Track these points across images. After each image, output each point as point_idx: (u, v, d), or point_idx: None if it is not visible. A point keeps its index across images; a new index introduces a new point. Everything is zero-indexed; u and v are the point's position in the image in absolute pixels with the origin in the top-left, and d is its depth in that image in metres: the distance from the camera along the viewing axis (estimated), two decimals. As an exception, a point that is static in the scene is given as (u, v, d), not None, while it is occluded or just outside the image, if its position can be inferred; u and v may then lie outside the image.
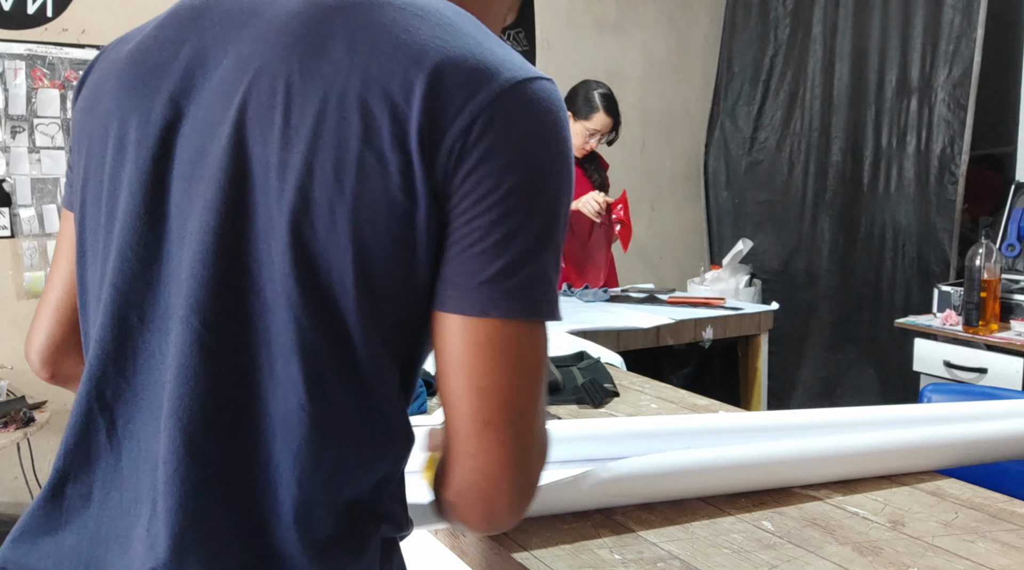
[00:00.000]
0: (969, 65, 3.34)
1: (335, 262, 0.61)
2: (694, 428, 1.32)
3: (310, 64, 0.62)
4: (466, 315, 0.63)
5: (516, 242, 0.62)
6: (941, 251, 3.46)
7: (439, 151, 0.61)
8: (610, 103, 2.97)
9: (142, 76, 0.70)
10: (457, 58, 0.62)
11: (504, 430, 0.64)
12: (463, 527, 0.71)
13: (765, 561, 0.93)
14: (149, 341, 0.67)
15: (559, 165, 0.64)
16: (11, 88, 2.93)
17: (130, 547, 0.65)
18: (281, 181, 0.62)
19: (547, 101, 0.64)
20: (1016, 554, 0.94)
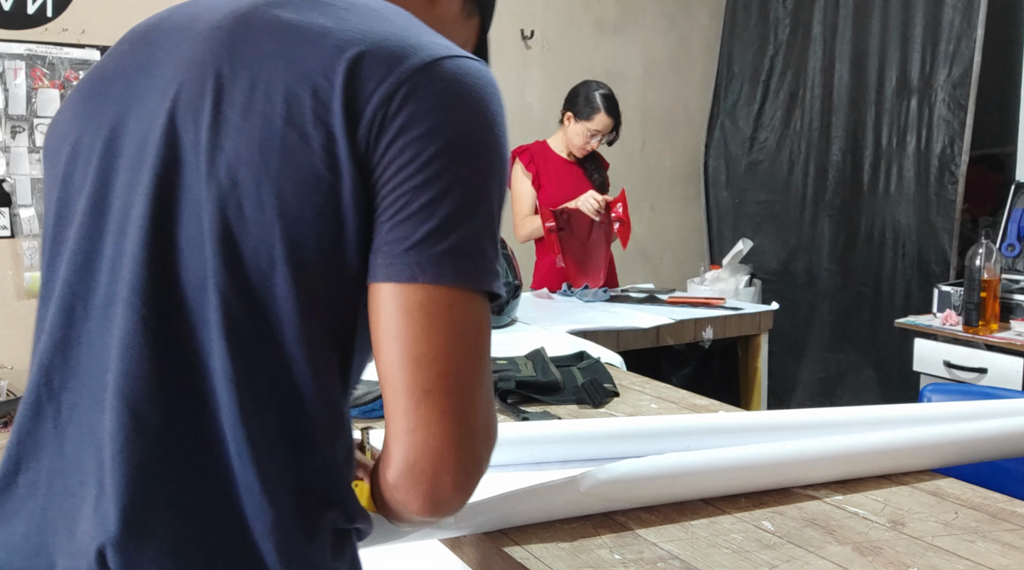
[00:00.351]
0: (969, 65, 3.34)
1: (263, 239, 0.63)
2: (694, 428, 1.32)
3: (240, 55, 0.66)
4: (396, 282, 0.63)
5: (442, 207, 0.63)
6: (941, 251, 3.46)
7: (360, 124, 0.63)
8: (611, 103, 2.97)
9: (92, 90, 0.74)
10: (379, 40, 0.65)
11: (444, 401, 0.63)
12: (405, 514, 0.67)
13: (765, 561, 0.93)
14: (92, 329, 0.68)
15: (484, 137, 0.65)
16: (11, 88, 2.93)
17: (77, 528, 0.65)
18: (211, 164, 0.64)
19: (470, 75, 0.66)
20: (1016, 554, 0.94)
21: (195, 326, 0.65)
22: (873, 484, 1.15)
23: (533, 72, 4.08)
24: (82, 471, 0.66)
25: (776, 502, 1.09)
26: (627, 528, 1.01)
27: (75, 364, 0.69)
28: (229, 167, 0.64)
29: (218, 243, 0.63)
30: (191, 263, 0.65)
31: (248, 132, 0.64)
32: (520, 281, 2.44)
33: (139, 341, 0.64)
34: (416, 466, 0.64)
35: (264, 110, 0.64)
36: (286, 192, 0.63)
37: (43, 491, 0.68)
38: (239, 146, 0.64)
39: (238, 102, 0.65)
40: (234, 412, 0.64)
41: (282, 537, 0.64)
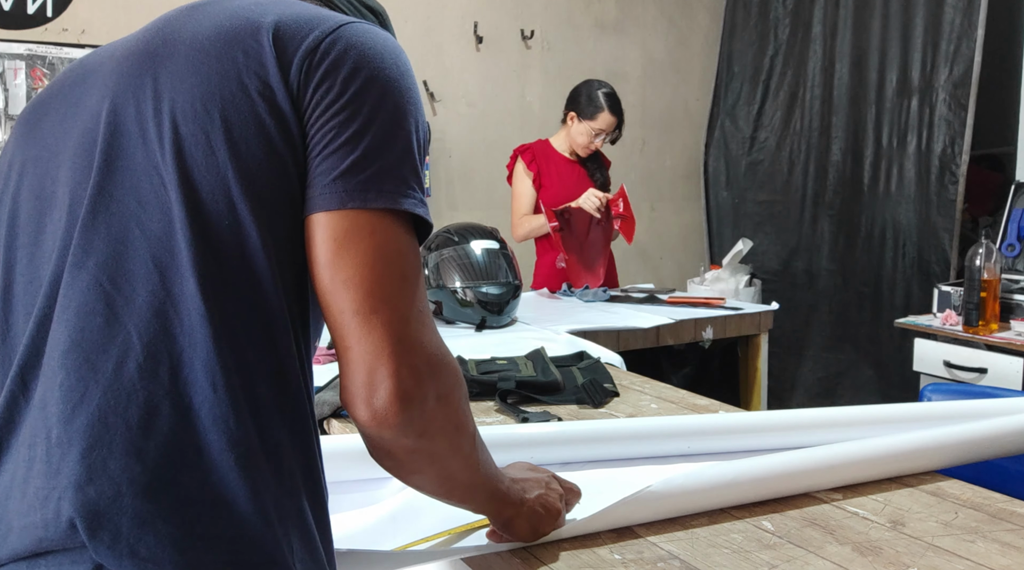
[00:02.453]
0: (970, 65, 3.34)
1: (219, 181, 0.69)
2: (694, 428, 1.32)
3: (175, 32, 0.75)
4: (324, 210, 0.69)
5: (364, 139, 0.70)
6: (941, 251, 3.46)
7: (291, 71, 0.71)
8: (614, 102, 2.98)
9: (33, 116, 0.80)
10: (298, 12, 0.75)
11: (372, 318, 0.68)
12: (362, 434, 0.72)
13: (765, 561, 0.93)
14: (46, 306, 0.71)
15: (398, 80, 0.74)
16: (11, 88, 2.93)
17: (28, 487, 0.65)
18: (158, 126, 0.70)
19: (381, 36, 0.76)
20: (1016, 554, 0.94)
21: (159, 277, 0.67)
22: (873, 484, 1.14)
23: (533, 72, 4.08)
24: (33, 435, 0.67)
25: (776, 502, 1.09)
26: (627, 528, 1.01)
27: (42, 350, 0.69)
28: (174, 125, 0.70)
29: (180, 190, 0.68)
30: (145, 219, 0.69)
31: (186, 91, 0.70)
32: (520, 281, 2.44)
33: (93, 298, 0.67)
34: (355, 380, 0.68)
35: (200, 71, 0.71)
36: (233, 136, 0.69)
37: (8, 470, 0.69)
38: (182, 105, 0.70)
39: (176, 69, 0.72)
40: (207, 348, 0.66)
41: (253, 466, 0.67)
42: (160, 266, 0.68)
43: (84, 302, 0.67)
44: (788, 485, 1.10)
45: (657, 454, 1.28)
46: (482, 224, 2.52)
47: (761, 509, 1.06)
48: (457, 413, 0.75)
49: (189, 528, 0.64)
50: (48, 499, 0.64)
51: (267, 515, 0.67)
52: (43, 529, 0.64)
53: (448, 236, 2.42)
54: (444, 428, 0.73)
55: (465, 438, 0.77)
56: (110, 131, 0.72)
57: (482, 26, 3.87)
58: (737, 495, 1.07)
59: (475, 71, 3.89)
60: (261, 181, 0.69)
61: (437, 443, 0.74)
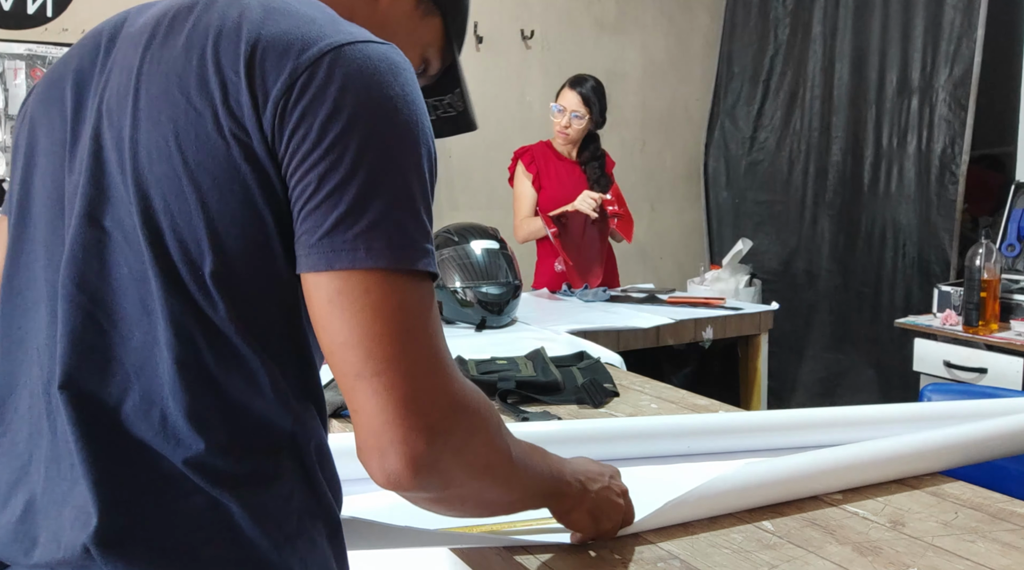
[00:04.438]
0: (970, 65, 3.34)
1: (188, 230, 0.65)
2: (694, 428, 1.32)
3: (157, 54, 0.69)
4: (315, 271, 0.64)
5: (349, 190, 0.63)
6: (941, 251, 3.46)
7: (265, 115, 0.64)
8: (577, 82, 3.03)
9: (47, 91, 0.78)
10: (280, 33, 0.66)
11: (373, 381, 0.64)
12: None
13: (765, 561, 0.93)
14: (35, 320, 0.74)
15: (388, 115, 0.65)
16: (11, 88, 2.93)
17: (50, 503, 0.68)
18: (133, 158, 0.67)
19: (371, 59, 0.66)
20: (1016, 554, 0.94)
21: (137, 317, 0.67)
22: (873, 484, 1.14)
23: (533, 72, 4.08)
24: (56, 453, 0.69)
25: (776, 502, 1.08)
26: (627, 528, 1.01)
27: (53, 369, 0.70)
28: (149, 161, 0.66)
29: (148, 236, 0.66)
30: (129, 256, 0.67)
31: (163, 126, 0.66)
32: (520, 281, 2.44)
33: (78, 325, 0.67)
34: (365, 445, 0.65)
35: (177, 104, 0.66)
36: (205, 183, 0.65)
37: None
38: (157, 140, 0.66)
39: (153, 98, 0.67)
40: (181, 401, 0.66)
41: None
42: (147, 309, 0.67)
43: (81, 337, 0.68)
44: (809, 486, 1.10)
45: (657, 454, 1.28)
46: (482, 224, 2.52)
47: (761, 509, 1.06)
48: (483, 455, 0.71)
49: (197, 553, 0.65)
50: (62, 526, 0.66)
51: (272, 537, 0.67)
52: (59, 550, 0.66)
53: (448, 236, 2.42)
54: (470, 474, 0.70)
55: (498, 472, 0.74)
56: (96, 154, 0.70)
57: (482, 26, 3.87)
58: (784, 493, 1.08)
59: (475, 71, 3.89)
60: (234, 234, 0.65)
61: (466, 487, 0.71)
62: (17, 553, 0.69)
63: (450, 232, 2.45)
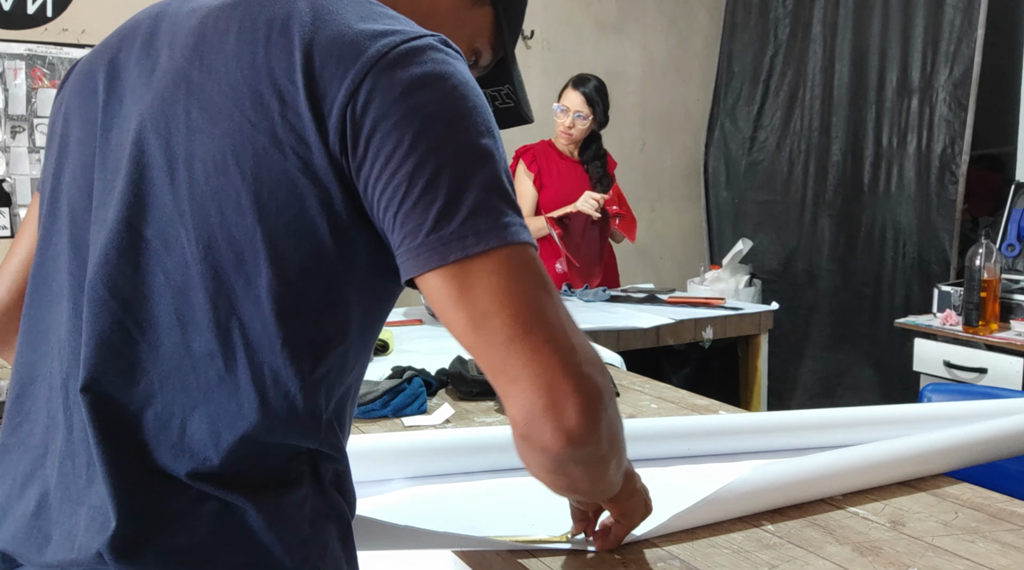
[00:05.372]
0: (970, 65, 3.34)
1: (246, 243, 0.65)
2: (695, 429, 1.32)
3: (208, 59, 0.68)
4: (429, 269, 0.64)
5: (442, 184, 0.63)
6: (941, 251, 3.46)
7: (330, 124, 0.63)
8: (580, 82, 3.03)
9: (82, 82, 0.77)
10: (334, 36, 0.65)
11: (529, 338, 0.62)
12: (549, 463, 0.66)
13: (765, 561, 0.93)
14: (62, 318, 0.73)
15: (456, 105, 0.65)
16: (11, 88, 2.93)
17: (64, 503, 0.68)
18: (188, 170, 0.66)
19: (427, 53, 0.66)
20: (1016, 554, 0.94)
21: (176, 327, 0.67)
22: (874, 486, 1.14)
23: (533, 72, 4.08)
24: (72, 452, 0.69)
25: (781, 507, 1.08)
26: (627, 528, 1.01)
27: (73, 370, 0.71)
28: (206, 174, 0.66)
29: (202, 248, 0.65)
30: (170, 266, 0.67)
31: (219, 140, 0.65)
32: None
33: (107, 334, 0.67)
34: (536, 406, 0.63)
35: (232, 118, 0.65)
36: (263, 197, 0.64)
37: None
38: (214, 154, 0.65)
39: (208, 111, 0.66)
40: (206, 414, 0.66)
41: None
42: (182, 319, 0.66)
43: (108, 342, 0.68)
44: (815, 490, 1.10)
45: (658, 455, 1.28)
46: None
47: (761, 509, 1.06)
48: (615, 422, 0.70)
49: (212, 558, 0.66)
50: (76, 525, 0.67)
51: (286, 542, 0.68)
52: (72, 550, 0.66)
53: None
54: (609, 439, 0.68)
55: (618, 445, 0.72)
56: (138, 160, 0.69)
57: (482, 26, 3.87)
58: (789, 497, 1.08)
59: (475, 71, 3.88)
60: (290, 246, 0.65)
61: (620, 441, 0.71)
62: (30, 550, 0.69)
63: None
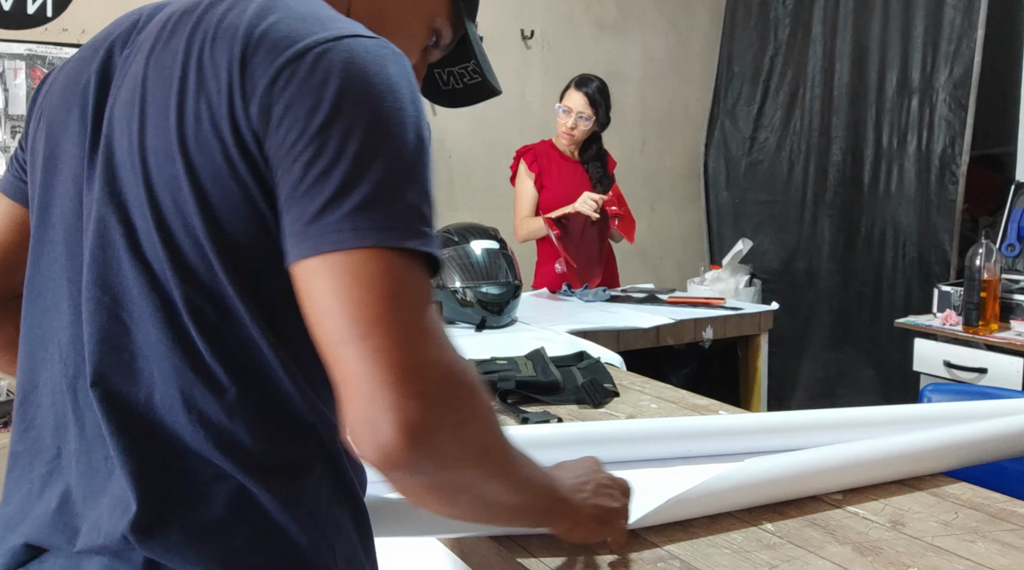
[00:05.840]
0: (970, 65, 3.34)
1: (200, 229, 0.68)
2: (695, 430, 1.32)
3: (159, 59, 0.72)
4: (302, 258, 0.64)
5: (333, 178, 0.63)
6: (941, 251, 3.46)
7: (251, 112, 0.66)
8: (583, 82, 3.02)
9: (67, 94, 0.80)
10: (272, 32, 0.67)
11: (360, 345, 0.61)
12: (377, 473, 0.65)
13: (765, 561, 0.93)
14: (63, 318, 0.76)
15: (370, 102, 0.65)
16: (11, 88, 2.93)
17: (90, 491, 0.71)
18: (143, 164, 0.69)
19: (355, 52, 0.67)
20: (1016, 554, 0.94)
21: (156, 313, 0.69)
22: (874, 485, 1.14)
23: (533, 72, 4.08)
24: (90, 446, 0.72)
25: (776, 502, 1.09)
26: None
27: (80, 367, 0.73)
28: (157, 166, 0.69)
29: (162, 237, 0.68)
30: (143, 256, 0.70)
31: (167, 131, 0.68)
32: (520, 281, 2.44)
33: (105, 329, 0.71)
34: (355, 416, 0.61)
35: (177, 109, 0.68)
36: (207, 184, 0.67)
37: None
38: (163, 145, 0.68)
39: (157, 104, 0.70)
40: (203, 392, 0.69)
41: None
42: (159, 307, 0.69)
43: (108, 336, 0.71)
44: (811, 484, 1.10)
45: (658, 456, 1.28)
46: (482, 224, 2.52)
47: (761, 509, 1.06)
48: (482, 437, 0.66)
49: (230, 536, 0.68)
50: (100, 515, 0.70)
51: (302, 522, 0.70)
52: (99, 537, 0.69)
53: (448, 236, 2.42)
54: (467, 456, 0.65)
55: (497, 461, 0.69)
56: (108, 162, 0.72)
57: (482, 26, 3.86)
58: (786, 491, 1.08)
59: (475, 71, 3.88)
60: (239, 230, 0.68)
61: (462, 474, 0.66)
62: (60, 541, 0.72)
63: (450, 232, 2.45)
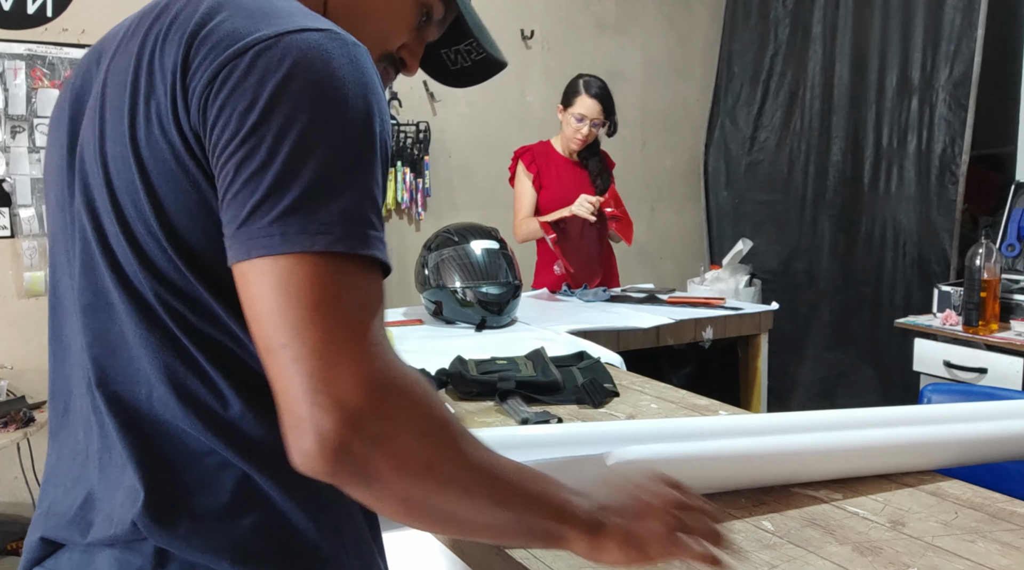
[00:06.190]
0: (970, 65, 3.34)
1: (160, 230, 0.68)
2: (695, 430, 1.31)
3: (117, 62, 0.72)
4: (236, 261, 0.64)
5: (265, 178, 0.62)
6: (941, 251, 3.46)
7: (192, 111, 0.65)
8: (592, 87, 2.99)
9: (57, 110, 0.82)
10: (216, 31, 0.66)
11: (281, 354, 0.61)
12: (337, 484, 0.64)
13: (765, 561, 0.93)
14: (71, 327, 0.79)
15: (310, 99, 0.63)
16: (11, 88, 2.93)
17: (103, 486, 0.73)
18: (104, 169, 0.70)
19: (299, 47, 0.65)
20: (1016, 554, 0.94)
21: (134, 313, 0.70)
22: (873, 484, 1.14)
23: (533, 72, 4.08)
24: (106, 442, 0.73)
25: (776, 502, 1.09)
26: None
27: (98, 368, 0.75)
28: (116, 170, 0.69)
29: (127, 240, 0.69)
30: (118, 260, 0.71)
31: (123, 135, 0.69)
32: (520, 281, 2.44)
33: (100, 333, 0.73)
34: (283, 424, 0.62)
35: (133, 112, 0.69)
36: (160, 187, 0.68)
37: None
38: (120, 149, 0.69)
39: (114, 109, 0.70)
40: (194, 382, 0.70)
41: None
42: (134, 305, 0.70)
43: (105, 339, 0.73)
44: (789, 466, 1.11)
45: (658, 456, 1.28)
46: (482, 224, 2.52)
47: (761, 509, 1.06)
48: (418, 449, 0.62)
49: (238, 521, 0.69)
50: (114, 507, 0.71)
51: (306, 507, 0.71)
52: (111, 526, 0.70)
53: (448, 236, 2.42)
54: (399, 470, 0.62)
55: (444, 476, 0.64)
56: (81, 171, 0.73)
57: (482, 26, 3.87)
58: (776, 470, 1.08)
59: (475, 71, 3.88)
60: (195, 234, 0.68)
61: (401, 489, 0.63)
62: (74, 534, 0.73)
63: (450, 232, 2.44)
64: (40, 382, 2.97)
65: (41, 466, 2.95)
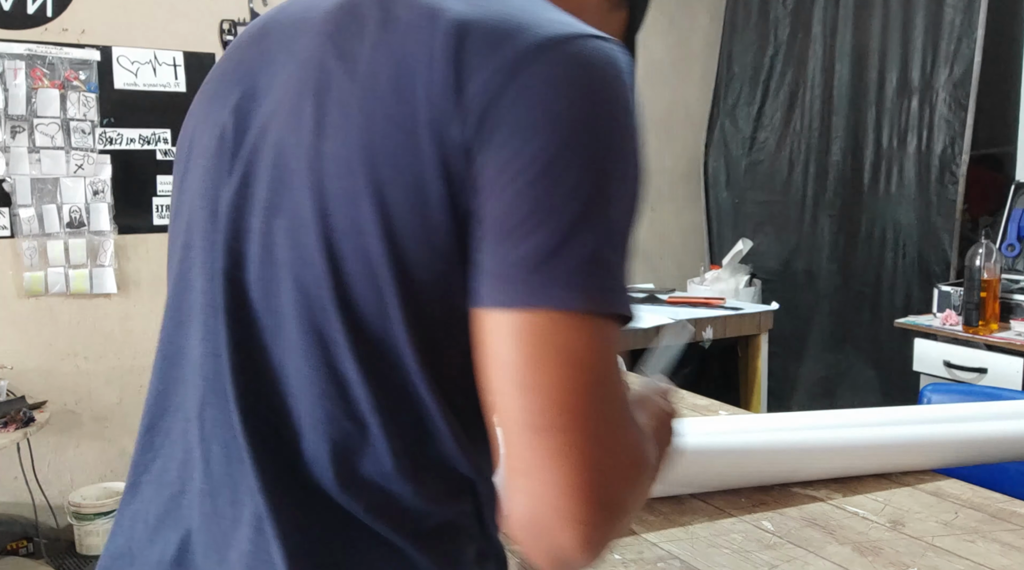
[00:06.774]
0: (970, 65, 3.34)
1: (375, 254, 0.57)
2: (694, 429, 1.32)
3: (345, 48, 0.60)
4: (500, 307, 0.54)
5: (559, 218, 0.53)
6: (941, 251, 3.46)
7: (467, 119, 0.54)
8: None
9: (215, 91, 0.70)
10: (479, 20, 0.56)
11: (558, 437, 0.52)
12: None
13: (765, 561, 0.93)
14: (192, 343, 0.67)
15: (601, 129, 0.55)
16: (11, 88, 2.92)
17: (229, 553, 0.61)
18: (315, 171, 0.58)
19: (588, 58, 0.56)
20: (1016, 554, 0.94)
21: (302, 345, 0.60)
22: (873, 484, 1.14)
23: (533, 72, 4.07)
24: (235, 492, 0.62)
25: (776, 502, 1.09)
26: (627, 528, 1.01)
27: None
28: (336, 175, 0.57)
29: (328, 259, 0.58)
30: (300, 279, 0.59)
31: (352, 134, 0.57)
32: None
33: (251, 355, 0.61)
34: (533, 518, 0.54)
35: (371, 109, 0.57)
36: (393, 203, 0.56)
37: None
38: (343, 150, 0.57)
39: (342, 100, 0.59)
40: (362, 443, 0.59)
41: None
42: (313, 338, 0.59)
43: (253, 363, 0.61)
44: (783, 466, 1.11)
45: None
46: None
47: (761, 509, 1.06)
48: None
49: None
50: (228, 568, 0.61)
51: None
52: None
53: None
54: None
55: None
56: (278, 161, 0.61)
57: (482, 26, 3.87)
58: (771, 465, 1.08)
59: (475, 71, 3.88)
60: (421, 261, 0.56)
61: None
62: None
63: (450, 232, 2.44)
64: (40, 382, 2.97)
65: (41, 466, 2.95)
